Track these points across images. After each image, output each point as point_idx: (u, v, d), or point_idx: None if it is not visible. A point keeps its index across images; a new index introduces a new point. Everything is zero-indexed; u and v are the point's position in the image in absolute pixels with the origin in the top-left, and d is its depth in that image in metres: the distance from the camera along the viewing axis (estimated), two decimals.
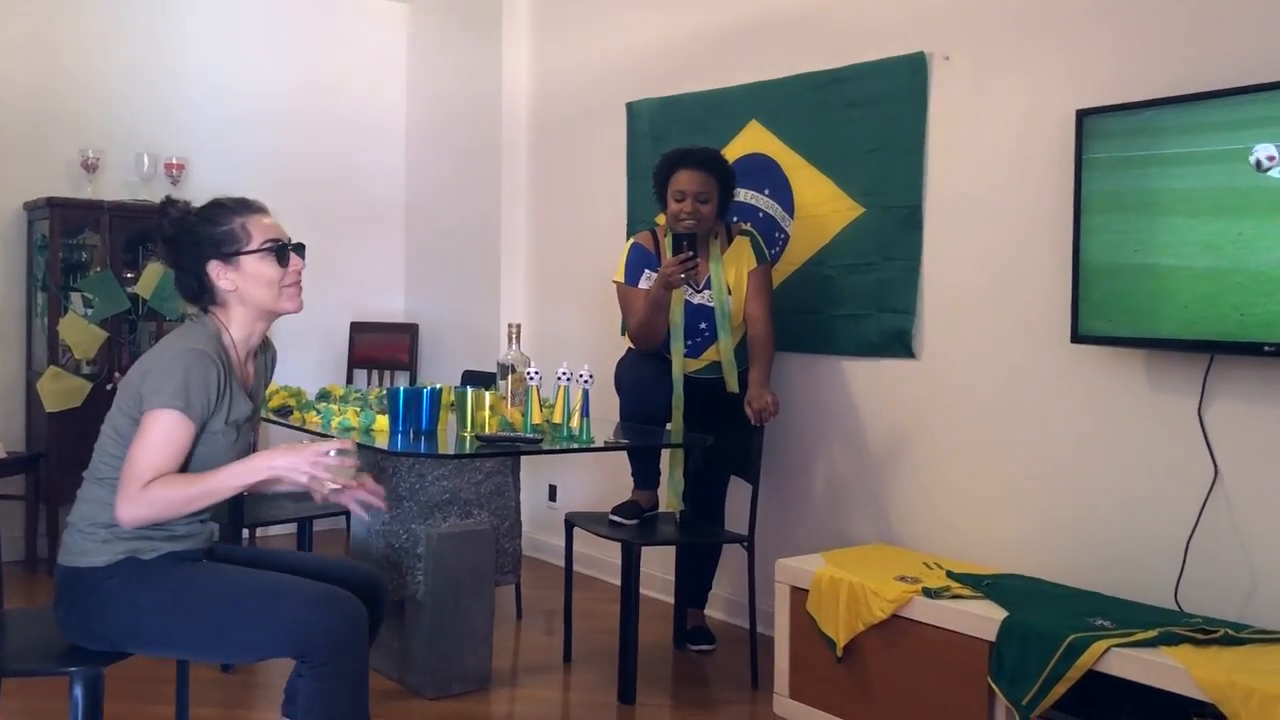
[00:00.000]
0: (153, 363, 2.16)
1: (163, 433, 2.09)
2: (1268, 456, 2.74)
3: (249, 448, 2.33)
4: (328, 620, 2.08)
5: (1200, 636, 2.51)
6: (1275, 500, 2.73)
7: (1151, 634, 2.52)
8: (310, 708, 2.09)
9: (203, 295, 2.28)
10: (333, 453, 2.12)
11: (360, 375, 5.70)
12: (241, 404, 2.24)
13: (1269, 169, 2.58)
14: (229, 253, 2.24)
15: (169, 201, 2.31)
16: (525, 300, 5.25)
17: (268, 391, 3.10)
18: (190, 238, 2.25)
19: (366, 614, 2.15)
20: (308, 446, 2.15)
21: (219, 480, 2.12)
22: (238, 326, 2.28)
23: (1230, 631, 2.54)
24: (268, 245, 2.25)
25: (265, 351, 2.44)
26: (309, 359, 5.49)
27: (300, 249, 2.32)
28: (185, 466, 2.16)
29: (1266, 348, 2.61)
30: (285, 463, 2.12)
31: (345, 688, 2.09)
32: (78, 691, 2.06)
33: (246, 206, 2.30)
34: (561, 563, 3.80)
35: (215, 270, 2.24)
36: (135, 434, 2.11)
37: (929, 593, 2.89)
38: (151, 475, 2.07)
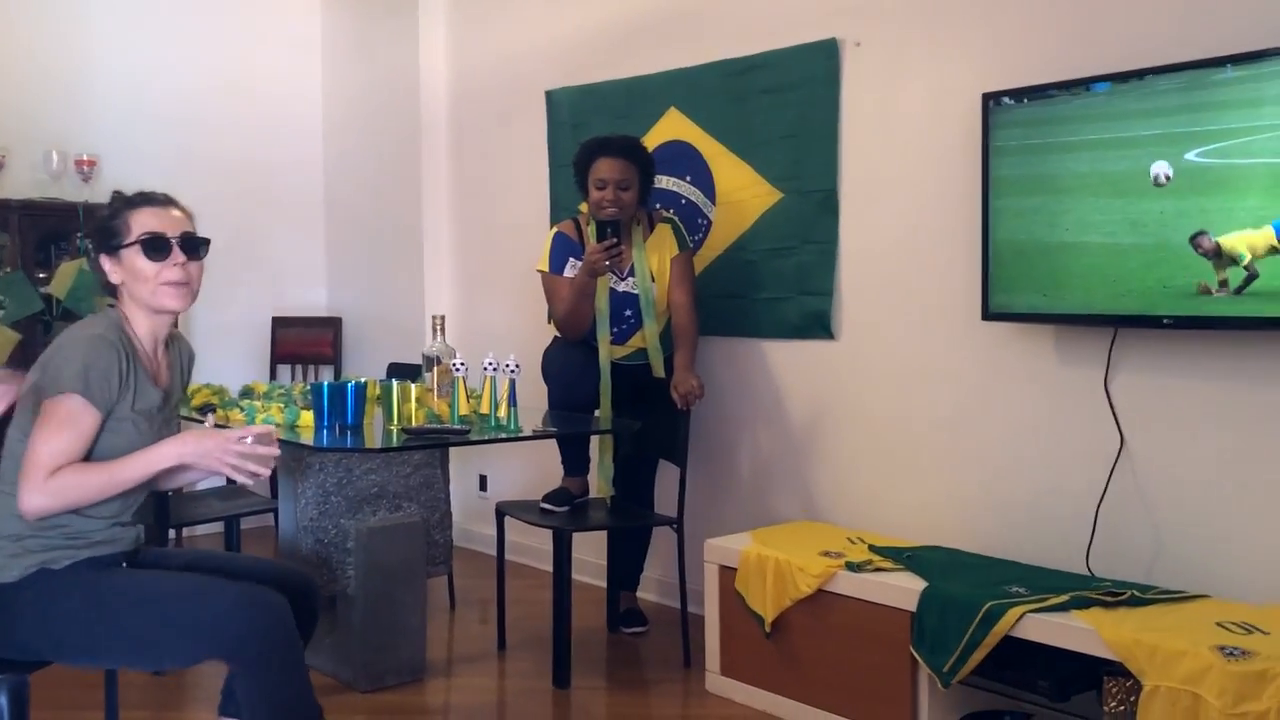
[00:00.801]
0: (53, 354, 2.11)
1: (64, 417, 2.04)
2: (1170, 425, 2.86)
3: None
4: (250, 617, 2.05)
5: (1109, 599, 2.62)
6: (1177, 467, 2.86)
7: (1064, 599, 2.62)
8: (252, 706, 2.08)
9: (109, 288, 2.25)
10: (250, 439, 2.11)
11: (284, 370, 5.64)
12: (149, 393, 2.19)
13: (1164, 185, 2.69)
14: (112, 246, 2.20)
15: (114, 194, 2.28)
16: (450, 291, 5.24)
17: (189, 390, 3.06)
18: (95, 231, 2.24)
19: (288, 606, 2.11)
20: (218, 433, 2.13)
21: (126, 467, 2.08)
22: (139, 321, 2.23)
23: (1137, 593, 2.65)
24: (142, 238, 2.18)
25: (176, 345, 2.38)
26: (231, 355, 5.42)
27: (194, 245, 2.23)
28: (92, 457, 2.11)
29: (1165, 320, 2.72)
30: (195, 449, 2.09)
31: (281, 681, 2.07)
32: (2, 700, 2.03)
33: (141, 200, 2.24)
34: (493, 552, 3.83)
35: (106, 264, 2.22)
36: (37, 422, 2.06)
37: (852, 566, 2.97)
38: (55, 463, 2.03)
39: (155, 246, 2.18)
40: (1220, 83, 2.60)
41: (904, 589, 2.82)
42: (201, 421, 2.87)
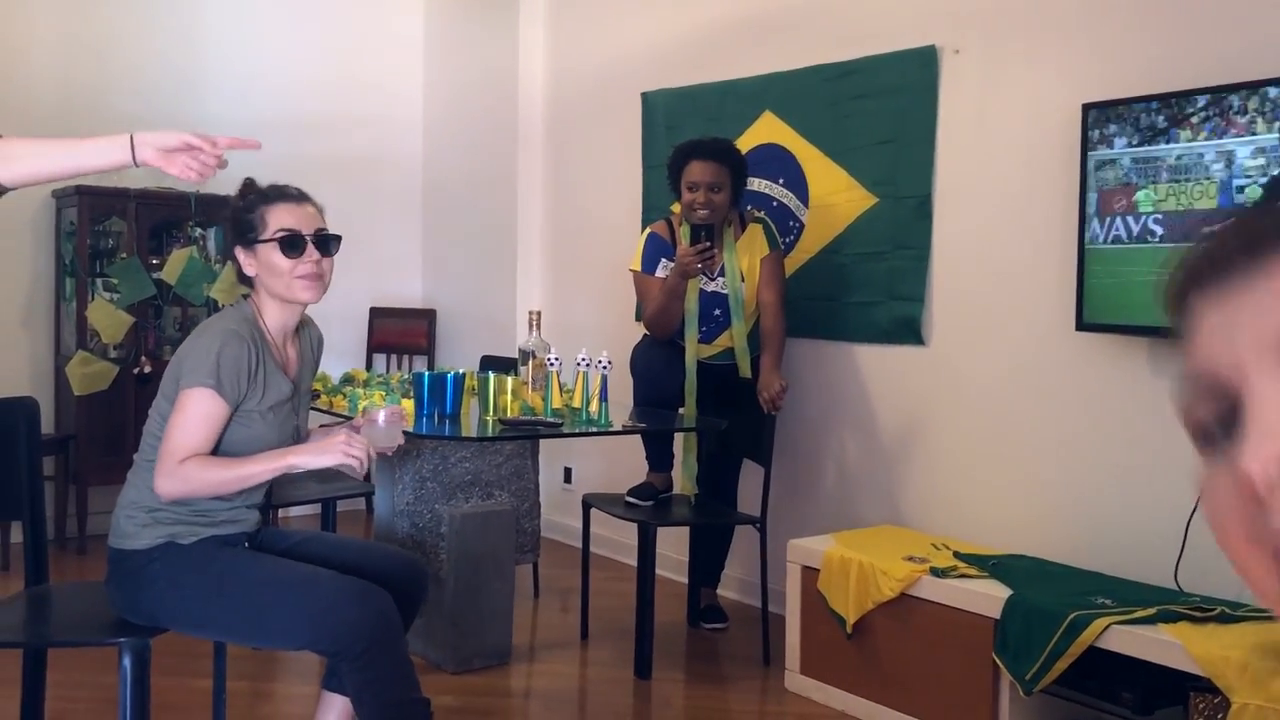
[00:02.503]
0: (190, 346, 2.24)
1: (195, 409, 2.17)
2: None
3: (294, 430, 2.40)
4: (356, 614, 2.13)
5: (1197, 614, 2.60)
6: None
7: (1150, 612, 2.61)
8: (358, 698, 2.18)
9: (244, 278, 2.36)
10: (381, 417, 2.25)
11: (379, 360, 5.80)
12: (280, 385, 2.31)
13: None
14: (249, 240, 2.29)
15: (246, 184, 2.37)
16: (541, 287, 5.34)
17: None
18: (229, 222, 2.35)
19: (394, 603, 2.19)
20: (337, 435, 2.24)
21: (248, 468, 2.20)
22: (270, 312, 2.33)
23: (1227, 610, 2.63)
24: (279, 235, 2.26)
25: (306, 330, 2.48)
26: (330, 343, 5.49)
27: (326, 242, 2.32)
28: (221, 448, 2.23)
29: None
30: (305, 460, 2.21)
31: (386, 676, 2.16)
32: (126, 662, 2.16)
33: (276, 194, 2.32)
34: (577, 543, 3.91)
35: (240, 256, 2.32)
36: (174, 412, 2.19)
37: (936, 572, 2.99)
38: (186, 452, 2.15)
39: (291, 244, 2.27)
40: None
41: (988, 596, 2.83)
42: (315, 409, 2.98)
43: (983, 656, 2.81)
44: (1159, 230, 2.89)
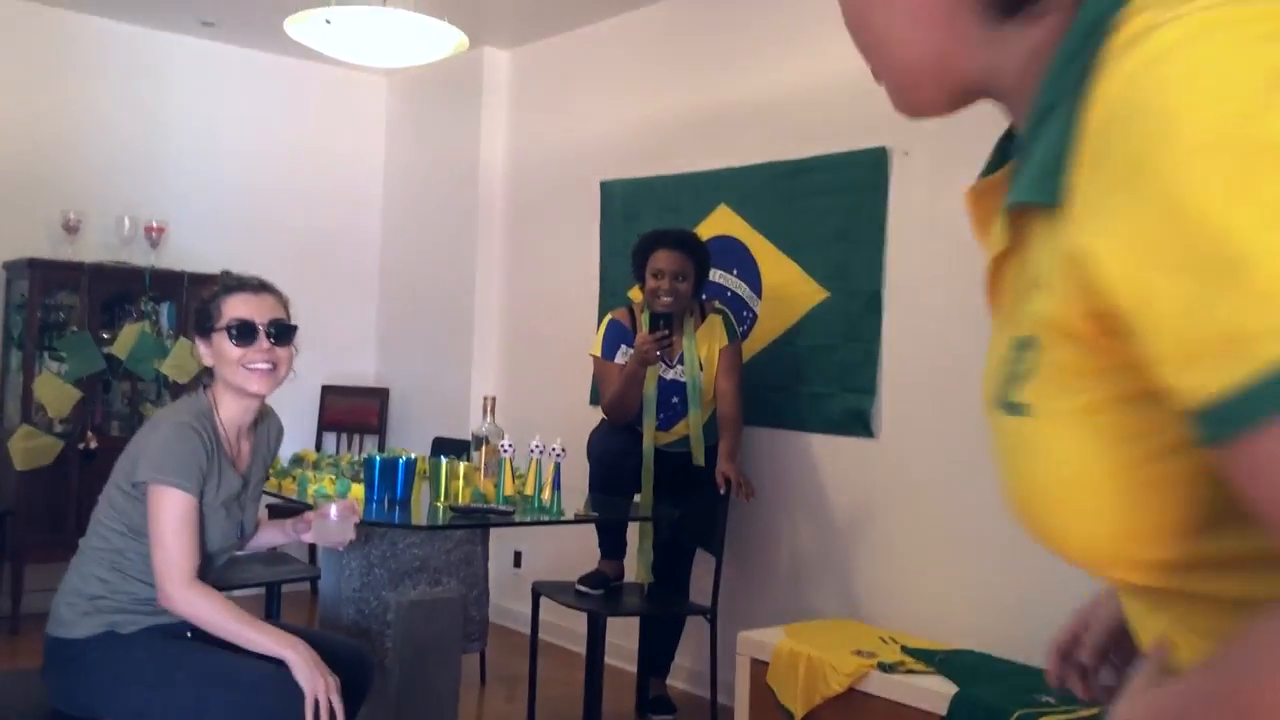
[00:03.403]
0: (148, 439, 2.23)
1: (173, 513, 2.16)
2: None
3: (239, 525, 2.38)
4: (289, 702, 2.11)
5: None
6: None
7: (1094, 711, 2.63)
8: None
9: (209, 370, 2.36)
10: (333, 511, 2.26)
11: (329, 438, 5.76)
12: (230, 480, 2.31)
13: None
14: (205, 328, 2.32)
15: (220, 276, 2.40)
16: (496, 369, 5.36)
17: None
18: (193, 313, 2.37)
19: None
20: (320, 676, 2.16)
21: (253, 635, 2.18)
22: (225, 405, 2.33)
23: None
24: (230, 324, 2.28)
25: (265, 423, 2.48)
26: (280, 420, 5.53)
27: (281, 332, 2.33)
28: (140, 541, 2.21)
29: None
30: (299, 667, 2.15)
31: None
32: None
33: (236, 284, 2.35)
34: (525, 629, 3.87)
35: (199, 345, 2.33)
36: (151, 515, 2.16)
37: (884, 667, 3.00)
38: (192, 561, 2.17)
39: (242, 332, 2.28)
40: None
41: (935, 692, 2.84)
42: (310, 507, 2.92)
43: None
44: None
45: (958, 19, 0.72)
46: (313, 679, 2.13)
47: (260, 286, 2.38)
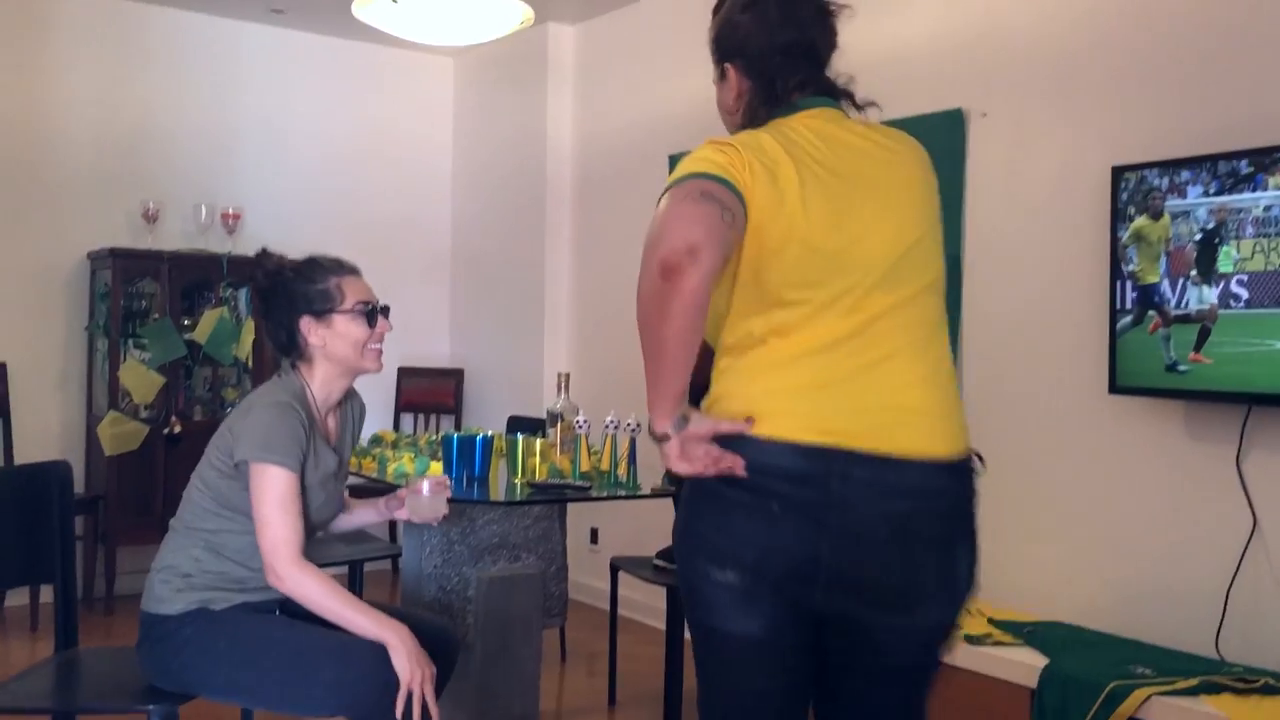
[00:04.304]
0: (248, 420, 2.23)
1: (283, 491, 2.18)
2: None
3: (336, 503, 2.41)
4: (389, 680, 2.13)
5: (1241, 685, 2.54)
6: None
7: (1193, 682, 2.56)
8: None
9: (291, 349, 2.35)
10: (425, 487, 2.32)
11: (406, 419, 5.82)
12: (327, 458, 2.33)
13: None
14: (321, 310, 2.32)
15: (264, 254, 2.39)
16: (569, 347, 5.36)
17: None
18: (285, 292, 2.33)
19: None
20: (419, 666, 2.16)
21: (355, 617, 2.18)
22: (320, 383, 2.35)
23: (1271, 681, 2.57)
24: (359, 307, 2.33)
25: (350, 402, 2.50)
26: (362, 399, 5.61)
27: (387, 311, 2.41)
28: (235, 518, 2.24)
29: None
30: (399, 651, 2.14)
31: None
32: None
33: (341, 267, 2.38)
34: (604, 605, 3.88)
35: (306, 326, 2.32)
36: (255, 494, 2.17)
37: (971, 639, 2.94)
38: (299, 538, 2.18)
39: (370, 314, 2.34)
40: None
41: (1024, 664, 2.78)
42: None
43: None
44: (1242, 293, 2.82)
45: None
46: (411, 668, 2.13)
47: (359, 270, 2.42)
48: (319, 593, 2.18)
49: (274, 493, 2.17)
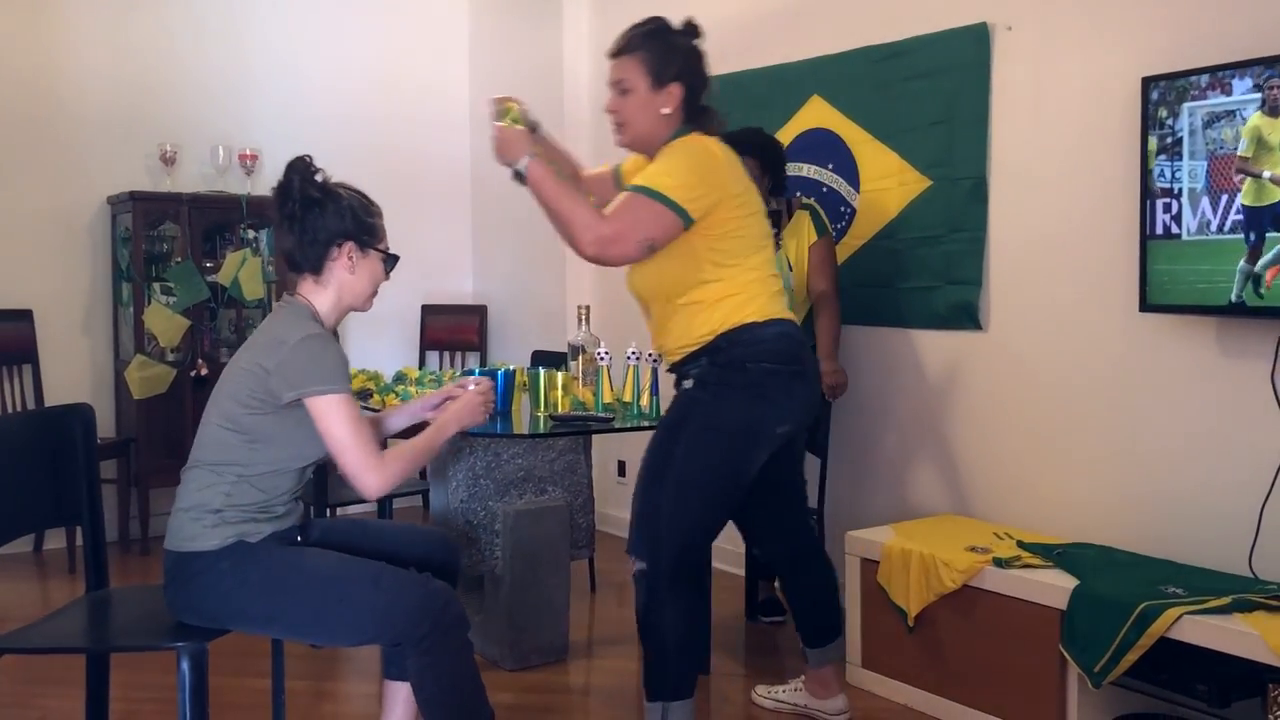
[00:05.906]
0: (279, 355, 2.20)
1: (350, 414, 2.21)
2: None
3: None
4: (422, 605, 2.17)
5: (1275, 603, 2.51)
6: None
7: (1225, 601, 2.53)
8: (421, 684, 2.20)
9: (313, 266, 2.31)
10: (471, 384, 2.47)
11: (432, 357, 5.82)
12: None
13: None
14: (368, 243, 2.34)
15: (307, 162, 2.32)
16: (590, 280, 5.32)
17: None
18: (336, 209, 2.29)
19: (455, 597, 2.25)
20: (464, 395, 2.44)
21: (427, 444, 2.37)
22: (324, 311, 2.34)
23: None
24: (390, 251, 2.41)
25: None
26: (383, 342, 5.63)
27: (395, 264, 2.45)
28: (266, 449, 2.25)
29: None
30: (459, 420, 2.42)
31: (450, 662, 2.20)
32: (184, 665, 2.17)
33: (380, 212, 2.42)
34: None
35: (347, 250, 2.31)
36: (324, 426, 2.20)
37: (999, 562, 2.92)
38: (375, 447, 2.26)
39: (392, 262, 2.42)
40: None
41: (1054, 586, 2.76)
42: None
43: (1049, 648, 2.74)
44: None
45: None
46: (475, 416, 2.43)
47: None
48: (402, 469, 2.26)
49: (342, 419, 2.20)
